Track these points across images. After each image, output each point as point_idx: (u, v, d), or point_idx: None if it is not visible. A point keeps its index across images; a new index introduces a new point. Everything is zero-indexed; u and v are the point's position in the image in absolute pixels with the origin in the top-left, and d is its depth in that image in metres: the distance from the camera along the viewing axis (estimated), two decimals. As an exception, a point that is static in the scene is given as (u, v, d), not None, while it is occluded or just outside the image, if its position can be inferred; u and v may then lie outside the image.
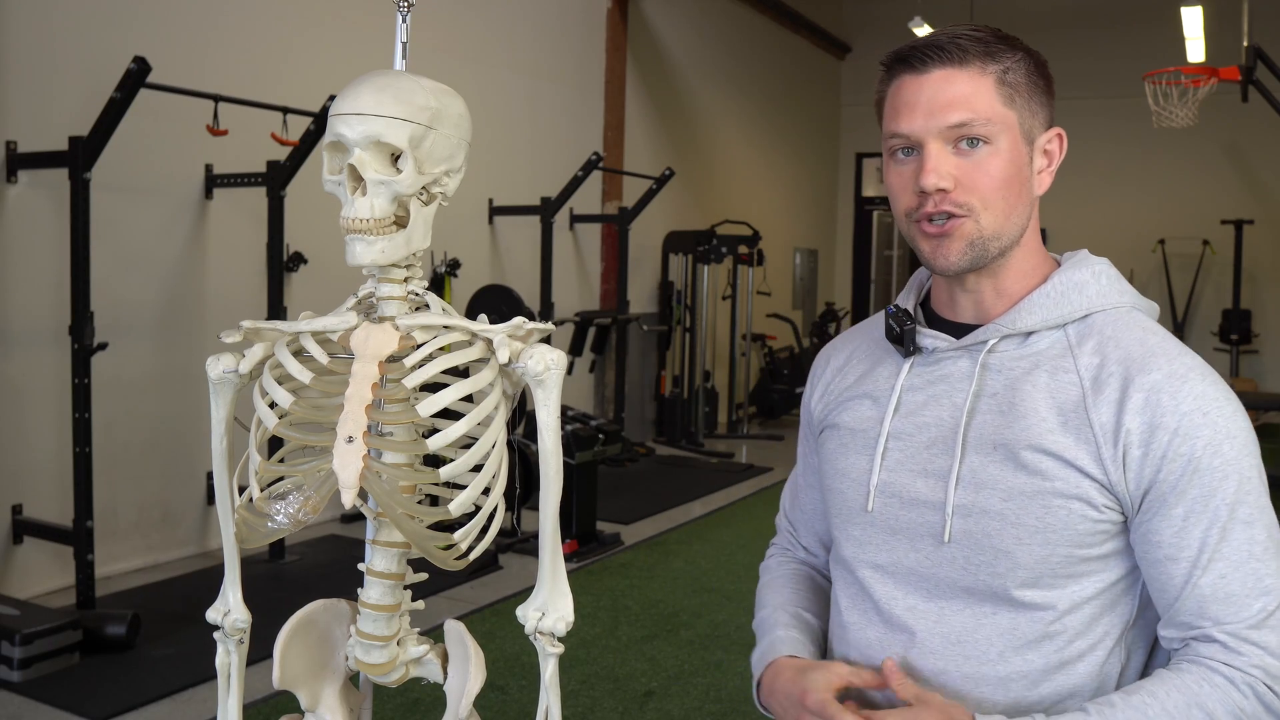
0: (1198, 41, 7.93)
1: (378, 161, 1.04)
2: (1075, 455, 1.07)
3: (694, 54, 8.87)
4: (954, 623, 1.13)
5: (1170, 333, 1.16)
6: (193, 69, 4.41)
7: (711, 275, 8.27)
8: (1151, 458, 1.06)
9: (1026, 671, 1.10)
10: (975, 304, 1.18)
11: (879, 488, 1.18)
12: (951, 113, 1.09)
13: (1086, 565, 1.10)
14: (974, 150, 1.10)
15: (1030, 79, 1.14)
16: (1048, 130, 1.17)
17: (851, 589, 1.23)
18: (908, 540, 1.16)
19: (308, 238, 4.83)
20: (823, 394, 1.32)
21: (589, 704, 3.27)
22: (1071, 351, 1.12)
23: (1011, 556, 1.09)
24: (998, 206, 1.11)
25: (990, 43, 1.12)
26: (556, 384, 1.06)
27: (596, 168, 6.31)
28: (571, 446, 4.79)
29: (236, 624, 1.18)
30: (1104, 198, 10.60)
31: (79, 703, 3.09)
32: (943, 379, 1.17)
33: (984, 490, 1.10)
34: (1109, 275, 1.19)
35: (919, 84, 1.11)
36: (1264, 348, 10.12)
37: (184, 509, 4.65)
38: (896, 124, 1.12)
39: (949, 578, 1.13)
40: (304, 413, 1.07)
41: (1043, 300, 1.15)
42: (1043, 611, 1.10)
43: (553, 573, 1.11)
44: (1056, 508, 1.07)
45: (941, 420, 1.16)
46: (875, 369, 1.25)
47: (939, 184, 1.09)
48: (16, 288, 3.98)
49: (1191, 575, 1.06)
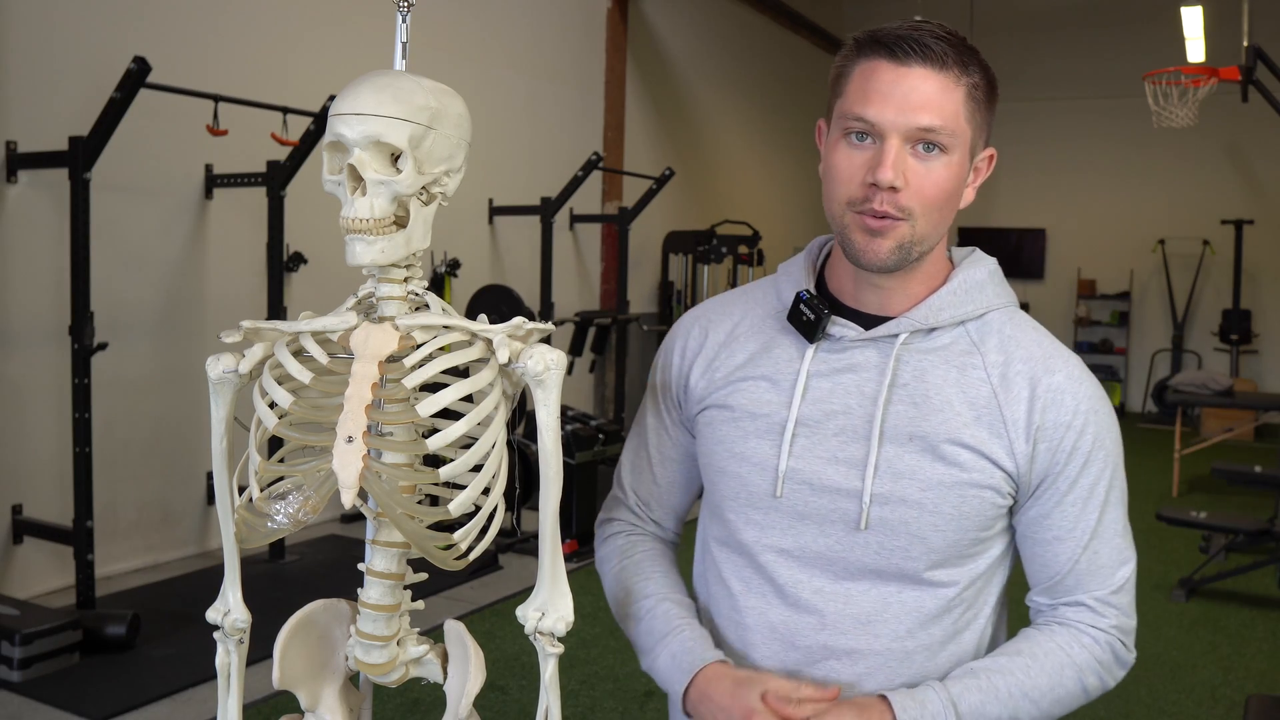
0: (1198, 41, 7.93)
1: (377, 161, 1.04)
2: (990, 449, 1.14)
3: (694, 54, 8.87)
4: (862, 603, 1.18)
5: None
6: (193, 69, 4.41)
7: (711, 275, 8.27)
8: (1057, 451, 1.15)
9: (928, 644, 1.19)
10: (882, 298, 1.19)
11: (787, 474, 1.18)
12: (923, 114, 1.09)
13: (983, 544, 1.19)
14: (929, 156, 1.10)
15: (988, 96, 1.14)
16: (985, 149, 1.18)
17: (746, 572, 1.23)
18: (816, 525, 1.18)
19: (308, 238, 4.83)
20: (705, 370, 1.27)
21: (589, 704, 3.27)
22: (977, 349, 1.18)
23: (926, 541, 1.15)
24: (934, 216, 1.13)
25: (963, 51, 1.12)
26: (556, 384, 1.06)
27: (596, 168, 6.31)
28: (571, 446, 4.80)
29: (236, 624, 1.18)
30: (1104, 198, 10.60)
31: (79, 703, 3.10)
32: (850, 368, 1.18)
33: (902, 480, 1.15)
34: (999, 275, 1.24)
35: (896, 75, 1.10)
36: (1264, 348, 10.12)
37: (184, 509, 4.65)
38: (864, 108, 1.10)
39: (859, 561, 1.18)
40: (304, 413, 1.07)
41: (950, 298, 1.19)
42: (947, 589, 1.18)
43: (553, 573, 1.11)
44: (971, 496, 1.14)
45: (850, 409, 1.17)
46: (770, 350, 1.23)
47: (894, 182, 1.09)
48: (16, 288, 3.98)
49: (1078, 554, 1.18)
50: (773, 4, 9.61)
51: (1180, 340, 10.29)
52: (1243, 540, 4.87)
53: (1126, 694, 3.52)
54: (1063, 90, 10.50)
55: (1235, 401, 7.20)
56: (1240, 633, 4.19)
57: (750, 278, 8.71)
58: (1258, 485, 5.47)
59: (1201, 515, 4.69)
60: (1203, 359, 10.31)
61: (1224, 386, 7.89)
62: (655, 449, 1.35)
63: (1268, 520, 4.74)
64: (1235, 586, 4.74)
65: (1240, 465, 5.32)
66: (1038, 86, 10.66)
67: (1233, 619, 4.35)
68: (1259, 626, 4.27)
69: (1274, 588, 4.72)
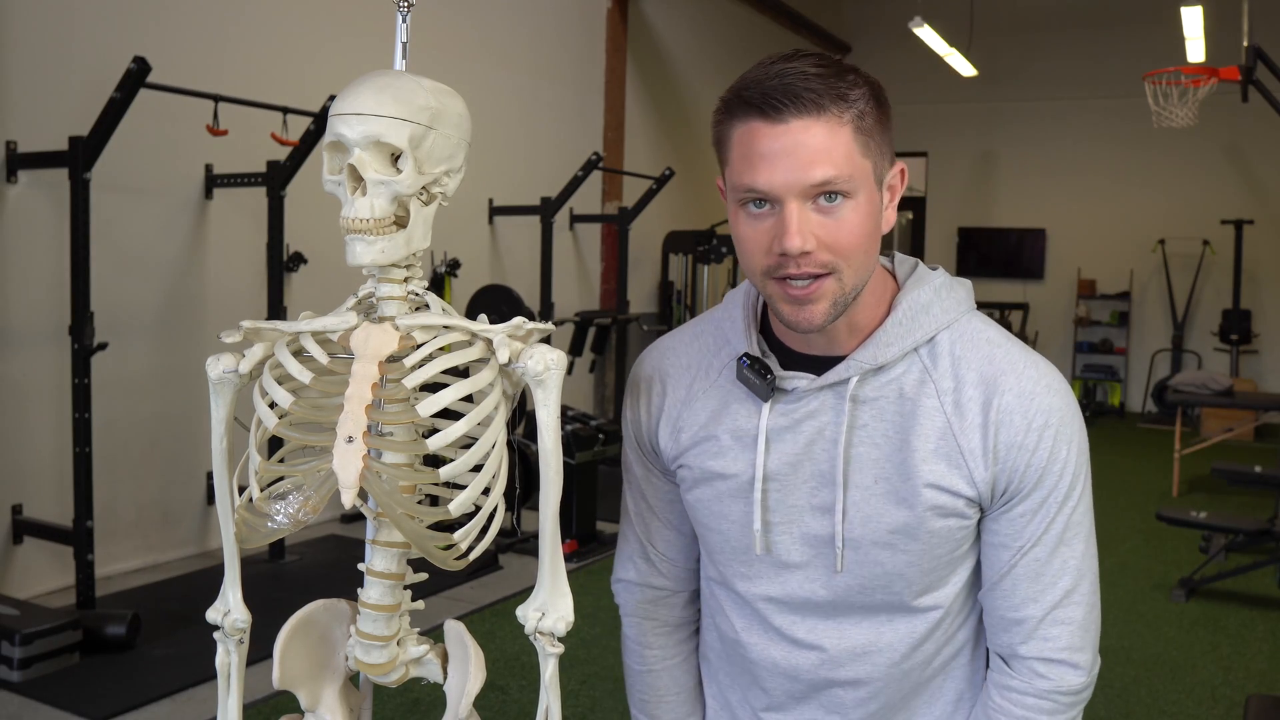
0: (1198, 41, 7.93)
1: (378, 161, 1.04)
2: (951, 481, 1.13)
3: (694, 54, 8.87)
4: (856, 636, 1.21)
5: (998, 326, 1.21)
6: (193, 69, 4.41)
7: (711, 275, 8.28)
8: (1012, 472, 1.14)
9: (925, 659, 1.22)
10: (828, 341, 1.16)
11: (764, 530, 1.19)
12: (814, 170, 1.03)
13: (959, 561, 1.20)
14: (834, 205, 1.05)
15: (878, 116, 1.07)
16: (892, 167, 1.12)
17: (745, 613, 1.25)
18: (801, 573, 1.20)
19: (308, 238, 4.83)
20: (671, 431, 1.25)
21: (589, 704, 3.27)
22: (929, 376, 1.14)
23: (904, 577, 1.17)
24: (858, 260, 1.08)
25: (837, 80, 1.04)
26: (556, 384, 1.06)
27: (596, 168, 6.31)
28: (571, 446, 4.79)
29: (236, 624, 1.18)
30: (1104, 198, 10.60)
31: (79, 703, 3.10)
32: (809, 416, 1.16)
33: (870, 523, 1.15)
34: (946, 286, 1.19)
35: (774, 134, 1.04)
36: (1264, 348, 10.12)
37: (184, 509, 4.65)
38: (753, 178, 1.05)
39: (846, 601, 1.19)
40: (304, 413, 1.07)
41: (896, 330, 1.14)
42: (934, 611, 1.20)
43: (553, 573, 1.11)
44: (938, 529, 1.15)
45: (815, 457, 1.16)
46: (728, 407, 1.20)
47: (804, 247, 1.04)
48: (16, 288, 3.98)
49: (1015, 560, 1.16)
50: (773, 4, 9.61)
51: (1180, 340, 10.29)
52: (1243, 540, 4.87)
53: (1126, 694, 3.52)
54: (1063, 90, 10.49)
55: (1235, 401, 7.19)
56: (1240, 633, 4.19)
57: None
58: (1258, 485, 5.47)
59: (1201, 515, 4.69)
60: (1203, 359, 10.30)
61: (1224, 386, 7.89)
62: (652, 497, 1.33)
63: (1268, 520, 4.74)
64: (1235, 586, 4.74)
65: (1240, 465, 5.32)
66: (1038, 86, 10.66)
67: (1233, 619, 4.35)
68: (1259, 626, 4.27)
69: (1274, 588, 4.72)
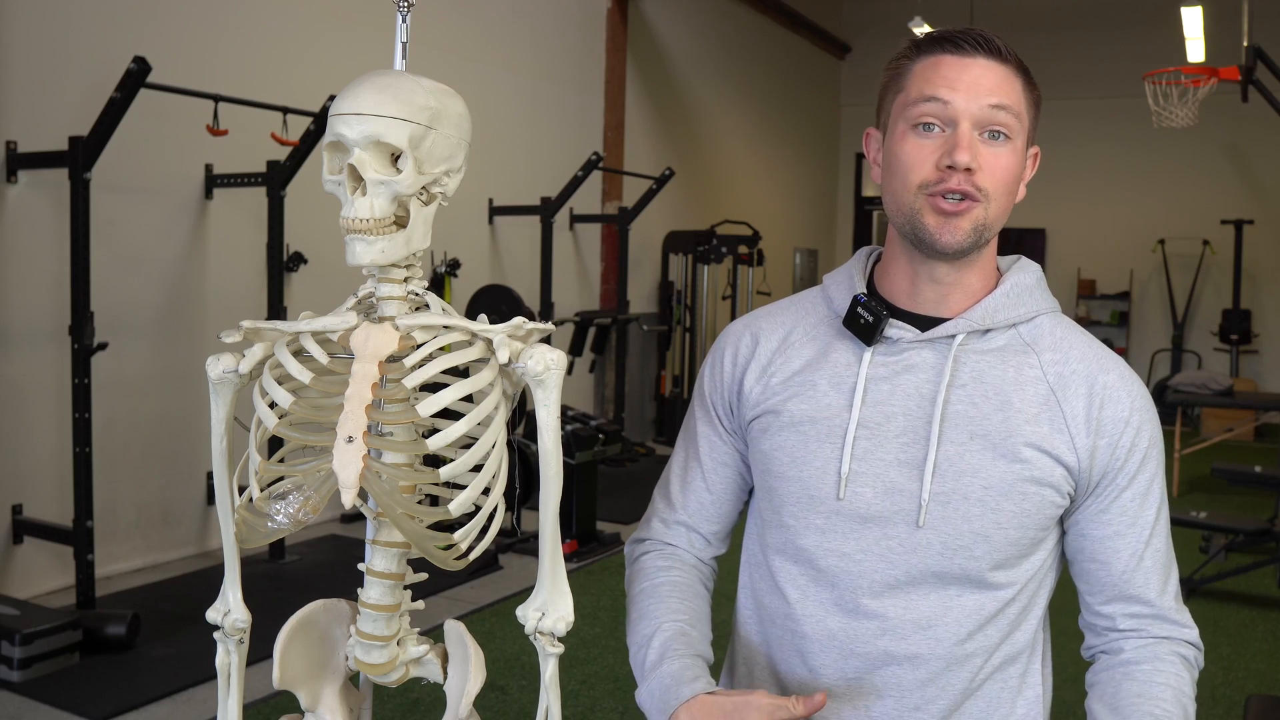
0: (1198, 41, 7.93)
1: (378, 161, 1.04)
2: (1053, 444, 1.15)
3: (694, 54, 8.87)
4: (922, 608, 1.18)
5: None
6: (193, 69, 4.41)
7: (711, 275, 8.27)
8: (1116, 447, 1.17)
9: (986, 646, 1.19)
10: (939, 296, 1.20)
11: (850, 477, 1.18)
12: (993, 95, 1.13)
13: (1039, 543, 1.20)
14: (996, 143, 1.14)
15: (1034, 95, 1.19)
16: (1032, 147, 1.22)
17: (803, 580, 1.22)
18: (879, 528, 1.18)
19: (308, 238, 4.83)
20: (760, 376, 1.26)
21: (589, 704, 3.27)
22: (1031, 349, 1.20)
23: (989, 540, 1.16)
24: (1002, 200, 1.16)
25: (1014, 53, 1.18)
26: (556, 384, 1.06)
27: (596, 168, 6.31)
28: (571, 446, 4.79)
29: (236, 624, 1.18)
30: (1104, 198, 10.60)
31: (79, 703, 3.09)
32: (909, 369, 1.19)
33: (964, 478, 1.15)
34: (1044, 281, 1.27)
35: (963, 64, 1.15)
36: (1264, 348, 10.12)
37: (184, 509, 4.65)
38: (935, 90, 1.14)
39: (922, 563, 1.17)
40: (304, 413, 1.07)
41: (1004, 300, 1.21)
42: (1005, 590, 1.18)
43: (553, 573, 1.11)
44: (1032, 494, 1.15)
45: (910, 410, 1.18)
46: (828, 355, 1.23)
47: (971, 163, 1.12)
48: (16, 288, 3.98)
49: (1140, 550, 1.18)
50: (773, 4, 9.61)
51: (1180, 340, 10.29)
52: (1243, 540, 4.87)
53: (1126, 694, 3.52)
54: (1063, 90, 10.49)
55: (1235, 401, 7.20)
56: (1240, 633, 4.19)
57: (750, 278, 8.71)
58: (1258, 485, 5.48)
59: (1201, 515, 4.69)
60: (1203, 359, 10.31)
61: (1224, 386, 7.90)
62: (708, 456, 1.33)
63: (1268, 520, 4.74)
64: (1235, 586, 4.74)
65: (1240, 465, 5.33)
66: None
67: (1233, 619, 4.35)
68: (1259, 626, 4.27)
69: (1274, 588, 4.72)
